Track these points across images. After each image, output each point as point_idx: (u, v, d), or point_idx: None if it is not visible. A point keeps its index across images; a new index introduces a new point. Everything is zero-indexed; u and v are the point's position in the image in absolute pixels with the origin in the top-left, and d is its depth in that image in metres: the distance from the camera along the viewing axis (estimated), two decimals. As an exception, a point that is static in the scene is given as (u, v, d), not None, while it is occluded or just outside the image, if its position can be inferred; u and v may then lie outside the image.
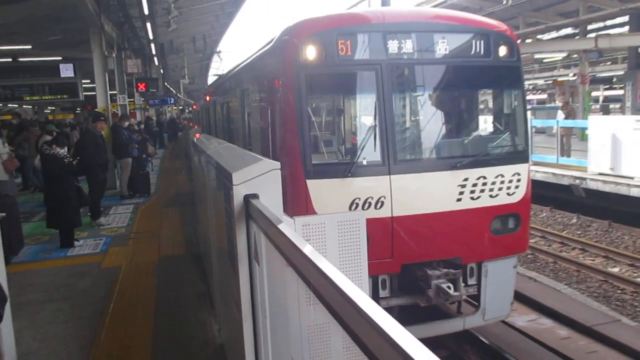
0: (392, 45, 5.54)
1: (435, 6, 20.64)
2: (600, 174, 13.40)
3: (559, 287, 9.17)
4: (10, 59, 17.48)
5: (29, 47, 16.82)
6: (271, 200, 2.58)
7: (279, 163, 2.73)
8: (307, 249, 1.67)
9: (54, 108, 39.75)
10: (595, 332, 6.92)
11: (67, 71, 16.39)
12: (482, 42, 5.78)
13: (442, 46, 5.68)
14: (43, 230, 9.26)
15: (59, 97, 18.02)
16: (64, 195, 8.32)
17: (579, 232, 13.21)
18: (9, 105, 30.09)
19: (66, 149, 8.89)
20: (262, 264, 2.48)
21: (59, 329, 5.42)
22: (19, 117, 21.43)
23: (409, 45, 5.59)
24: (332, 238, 2.96)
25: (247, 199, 2.60)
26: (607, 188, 13.08)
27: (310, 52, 5.33)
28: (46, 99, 18.35)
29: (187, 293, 6.28)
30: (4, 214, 3.94)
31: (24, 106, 37.15)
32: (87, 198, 9.17)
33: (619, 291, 9.42)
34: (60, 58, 18.26)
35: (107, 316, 5.69)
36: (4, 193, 8.34)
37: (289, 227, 2.05)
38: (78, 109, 37.63)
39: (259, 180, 2.66)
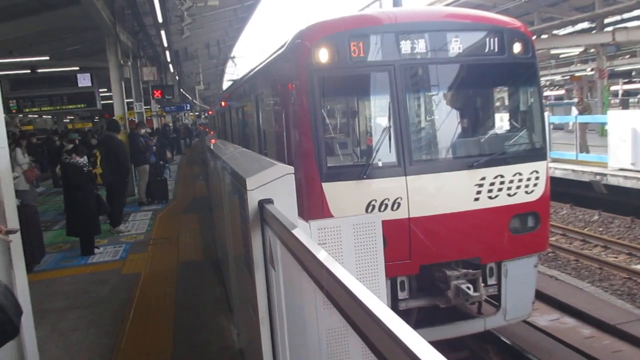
0: (405, 46, 5.52)
1: (447, 5, 20.52)
2: (621, 169, 13.18)
3: (582, 285, 9.02)
4: (29, 70, 17.77)
5: (47, 58, 17.08)
6: (285, 205, 2.58)
7: (293, 167, 2.73)
8: (322, 255, 1.66)
9: (72, 117, 40.37)
10: (620, 330, 6.79)
11: (84, 81, 16.58)
12: (495, 39, 5.72)
13: (456, 45, 5.64)
14: (64, 239, 9.40)
15: (77, 106, 18.25)
16: (84, 204, 8.44)
17: (600, 229, 12.99)
18: (29, 115, 30.61)
19: (86, 157, 9.01)
20: (278, 268, 2.48)
21: (80, 336, 5.49)
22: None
23: (421, 45, 5.56)
24: (348, 241, 2.95)
25: (262, 204, 2.60)
26: (628, 184, 12.85)
27: (323, 55, 5.33)
28: (65, 109, 18.61)
29: (206, 298, 6.32)
30: (17, 228, 3.99)
31: (44, 116, 37.84)
32: (106, 206, 9.28)
33: (644, 288, 9.24)
34: (77, 68, 18.50)
35: (128, 322, 5.74)
36: (25, 202, 8.48)
37: (303, 231, 2.04)
38: (96, 117, 38.16)
39: (273, 185, 2.66)
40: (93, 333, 5.56)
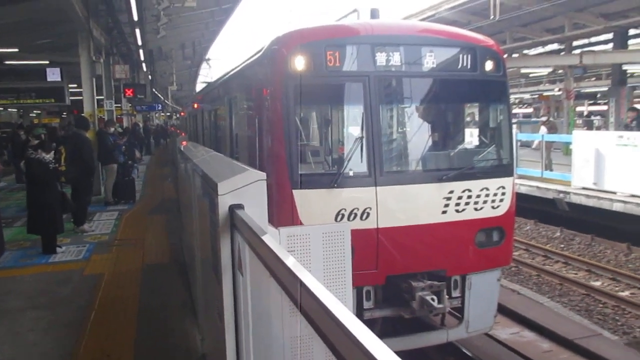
0: (380, 58, 5.59)
1: (423, 19, 20.87)
2: (584, 188, 13.57)
3: (542, 300, 9.24)
4: (-4, 62, 17.33)
5: (16, 50, 16.68)
6: (256, 211, 2.58)
7: (265, 173, 2.73)
8: (290, 261, 1.67)
9: (39, 112, 39.38)
10: (577, 345, 6.97)
11: (53, 75, 16.23)
12: (468, 56, 5.84)
13: (429, 59, 5.74)
14: (25, 236, 9.13)
15: (45, 101, 17.83)
16: (47, 201, 8.23)
17: (562, 246, 13.33)
18: (-6, 108, 29.74)
19: (52, 153, 8.80)
20: (245, 274, 2.47)
21: (39, 337, 5.34)
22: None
23: (396, 58, 5.64)
24: (316, 249, 2.97)
25: (232, 209, 2.59)
26: (590, 202, 13.23)
27: (299, 63, 5.36)
28: (32, 103, 18.17)
29: (171, 302, 6.23)
30: None
31: (9, 109, 36.83)
32: (70, 204, 9.07)
33: (601, 305, 9.51)
34: (47, 62, 18.10)
35: (89, 324, 5.62)
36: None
37: (273, 238, 2.05)
38: (64, 113, 37.32)
39: (244, 190, 2.66)
40: (53, 334, 5.41)
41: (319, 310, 1.32)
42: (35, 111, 38.64)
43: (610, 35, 24.23)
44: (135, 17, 14.65)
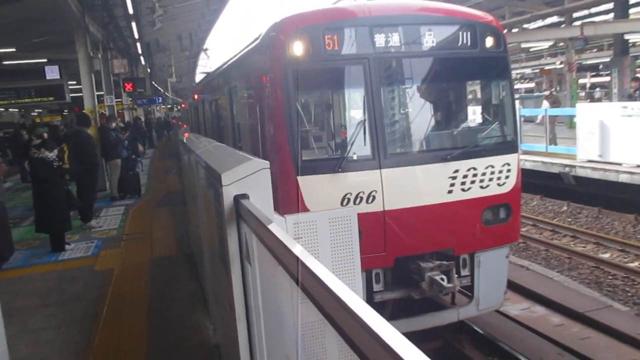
0: (379, 39, 5.54)
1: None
2: (589, 161, 13.49)
3: (551, 274, 9.24)
4: (-6, 62, 17.31)
5: (13, 49, 16.64)
6: (261, 200, 2.57)
7: (268, 162, 2.71)
8: (297, 249, 1.66)
9: (40, 111, 39.42)
10: (588, 318, 6.99)
11: (52, 73, 16.19)
12: (468, 33, 5.78)
13: (429, 38, 5.68)
14: (33, 235, 9.18)
15: (45, 99, 17.81)
16: (54, 199, 8.25)
17: (569, 220, 13.29)
18: (-5, 109, 29.78)
19: (55, 152, 8.80)
20: (254, 264, 2.47)
21: (52, 335, 5.38)
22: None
23: (395, 39, 5.58)
24: (324, 235, 2.96)
25: (237, 199, 2.58)
26: (596, 175, 13.17)
27: (298, 48, 5.31)
28: (32, 102, 18.16)
29: (181, 294, 6.26)
30: None
31: (10, 109, 36.87)
32: (76, 201, 9.10)
33: (610, 277, 9.50)
34: (45, 60, 18.06)
35: (101, 320, 5.65)
36: (-8, 198, 8.26)
37: (279, 227, 2.04)
38: (65, 110, 37.33)
39: (248, 180, 2.64)
40: (65, 331, 5.45)
41: (327, 296, 1.31)
42: (36, 110, 38.70)
43: (610, 5, 23.93)
44: (131, 11, 14.56)
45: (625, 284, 9.16)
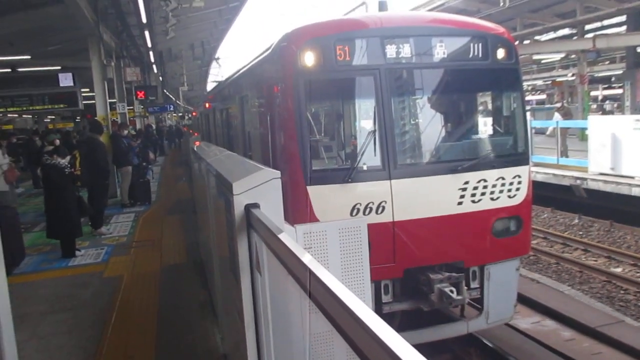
0: (390, 50, 5.55)
1: (432, 9, 20.69)
2: (601, 173, 13.39)
3: (562, 288, 9.14)
4: (9, 69, 17.53)
5: (28, 57, 16.85)
6: (272, 210, 2.58)
7: (279, 172, 2.72)
8: (307, 259, 1.66)
9: (54, 117, 39.85)
10: (600, 333, 6.90)
11: (66, 80, 16.42)
12: (479, 45, 5.78)
13: (440, 50, 5.68)
14: (44, 241, 9.25)
15: (58, 106, 18.04)
16: (65, 205, 8.33)
17: (580, 233, 13.18)
18: (9, 115, 30.11)
19: (68, 158, 8.89)
20: (264, 273, 2.47)
21: (61, 340, 5.41)
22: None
23: (407, 50, 5.59)
24: (333, 245, 2.96)
25: (248, 208, 2.59)
26: (608, 188, 13.06)
27: (309, 58, 5.34)
28: (46, 109, 18.37)
29: (190, 302, 6.27)
30: None
31: (24, 116, 37.28)
32: (87, 208, 9.17)
33: (622, 291, 9.40)
34: (59, 67, 18.29)
35: (110, 326, 5.68)
36: (5, 204, 8.35)
37: (289, 236, 2.04)
38: (78, 117, 37.71)
39: (259, 189, 2.65)
40: (74, 337, 5.48)
41: (337, 306, 1.31)
42: (49, 117, 39.10)
43: (623, 18, 23.84)
44: (144, 20, 14.70)
45: (638, 298, 9.05)
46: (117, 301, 6.44)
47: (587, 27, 26.36)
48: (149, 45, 19.45)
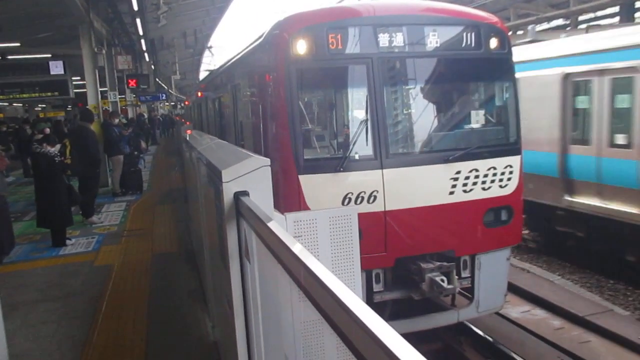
0: (383, 39, 5.52)
1: (426, -2, 20.55)
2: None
3: (552, 277, 9.21)
4: (-1, 57, 17.33)
5: (18, 44, 16.66)
6: (261, 198, 2.56)
7: (269, 160, 2.70)
8: (297, 248, 1.65)
9: (44, 106, 39.51)
10: (589, 322, 6.97)
11: (56, 68, 16.26)
12: (472, 34, 5.76)
13: (433, 39, 5.66)
14: (35, 230, 9.20)
15: (49, 94, 17.88)
16: (55, 194, 8.27)
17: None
18: (-1, 103, 29.84)
19: (58, 147, 8.82)
20: (253, 261, 2.46)
21: (51, 329, 5.39)
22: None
23: (399, 39, 5.57)
24: (324, 234, 2.95)
25: (237, 196, 2.57)
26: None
27: (301, 47, 5.30)
28: (36, 97, 18.21)
29: (181, 290, 6.26)
30: None
31: (14, 104, 36.96)
32: (78, 196, 9.11)
33: (612, 281, 9.47)
34: (49, 55, 18.10)
35: (100, 315, 5.66)
36: (-6, 192, 8.27)
37: (279, 224, 2.03)
38: (69, 106, 37.40)
39: (249, 177, 2.63)
40: (64, 326, 5.46)
41: (325, 295, 1.30)
42: (40, 105, 38.78)
43: (617, 9, 23.85)
44: (135, 7, 14.57)
45: (627, 288, 9.13)
46: (108, 290, 6.42)
47: (581, 17, 26.34)
48: (141, 33, 19.30)
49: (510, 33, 6.22)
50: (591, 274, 9.85)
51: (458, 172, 5.62)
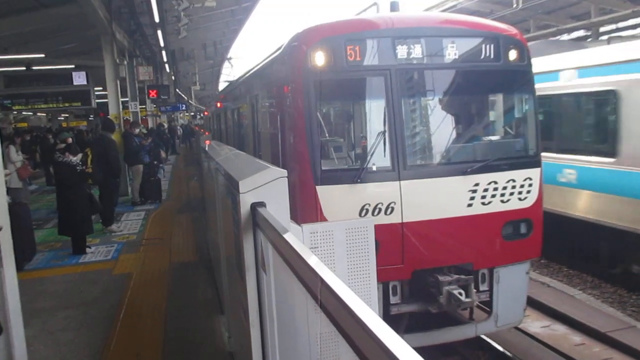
0: (401, 51, 5.53)
1: (444, 10, 20.59)
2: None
3: (573, 292, 9.04)
4: (24, 68, 17.72)
5: (42, 55, 17.02)
6: (278, 209, 2.57)
7: (286, 171, 2.71)
8: (312, 260, 1.65)
9: (67, 115, 40.23)
10: (610, 338, 6.81)
11: (79, 79, 16.59)
12: (491, 46, 5.74)
13: (451, 51, 5.65)
14: (56, 237, 9.34)
15: (71, 104, 18.22)
16: (76, 203, 8.40)
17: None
18: (23, 113, 30.44)
19: (79, 156, 8.97)
20: (269, 272, 2.47)
21: (70, 336, 5.45)
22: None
23: (418, 51, 5.57)
24: (340, 245, 2.94)
25: (254, 207, 2.58)
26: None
27: (319, 58, 5.33)
28: (59, 107, 18.56)
29: (198, 300, 6.29)
30: (1, 226, 3.98)
31: (38, 114, 37.69)
32: (98, 205, 9.24)
33: (634, 296, 9.27)
34: (72, 66, 18.46)
35: (118, 323, 5.71)
36: (17, 201, 8.43)
37: (295, 236, 2.03)
38: (91, 116, 38.03)
39: (266, 188, 2.65)
40: (83, 333, 5.52)
41: (340, 308, 1.30)
42: (63, 115, 39.48)
43: (638, 20, 23.55)
44: (157, 19, 14.79)
45: (650, 304, 8.94)
46: (126, 298, 6.48)
47: (602, 29, 26.07)
48: (162, 44, 19.57)
49: (530, 44, 6.17)
50: (613, 288, 9.66)
51: (476, 185, 5.58)
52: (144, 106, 24.38)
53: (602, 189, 8.91)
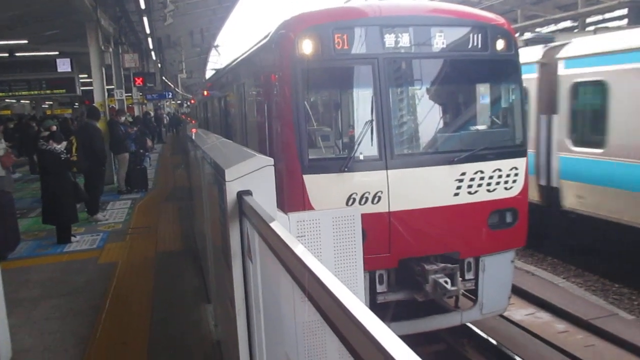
0: (389, 39, 5.51)
1: (433, -1, 20.51)
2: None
3: (557, 280, 9.16)
4: (6, 54, 17.42)
5: (25, 41, 16.74)
6: (265, 197, 2.56)
7: (273, 159, 2.70)
8: (299, 249, 1.65)
9: (51, 103, 39.69)
10: (593, 326, 6.92)
11: (64, 66, 16.35)
12: (479, 35, 5.74)
13: (439, 40, 5.64)
14: (40, 227, 9.24)
15: (56, 92, 17.96)
16: (61, 191, 8.30)
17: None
18: (6, 100, 29.99)
19: (64, 144, 8.85)
20: (255, 261, 2.46)
21: (55, 326, 5.41)
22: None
23: (405, 39, 5.55)
24: (327, 234, 2.95)
25: (240, 195, 2.57)
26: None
27: (307, 46, 5.30)
28: (43, 94, 18.30)
29: (184, 289, 6.27)
30: None
31: (22, 101, 37.14)
32: (83, 194, 9.14)
33: (617, 285, 9.42)
34: (57, 53, 18.17)
35: (104, 312, 5.68)
36: (1, 189, 8.32)
37: (281, 224, 2.02)
38: (76, 103, 37.57)
39: (252, 176, 2.63)
40: (68, 323, 5.48)
41: (326, 297, 1.30)
42: (47, 102, 38.94)
43: (625, 11, 23.70)
44: (143, 5, 14.63)
45: (632, 292, 9.08)
46: (112, 287, 6.44)
47: (589, 20, 26.21)
48: (148, 31, 19.37)
49: (517, 34, 6.18)
50: (596, 277, 9.79)
51: (463, 174, 5.60)
52: (130, 94, 24.13)
53: None
